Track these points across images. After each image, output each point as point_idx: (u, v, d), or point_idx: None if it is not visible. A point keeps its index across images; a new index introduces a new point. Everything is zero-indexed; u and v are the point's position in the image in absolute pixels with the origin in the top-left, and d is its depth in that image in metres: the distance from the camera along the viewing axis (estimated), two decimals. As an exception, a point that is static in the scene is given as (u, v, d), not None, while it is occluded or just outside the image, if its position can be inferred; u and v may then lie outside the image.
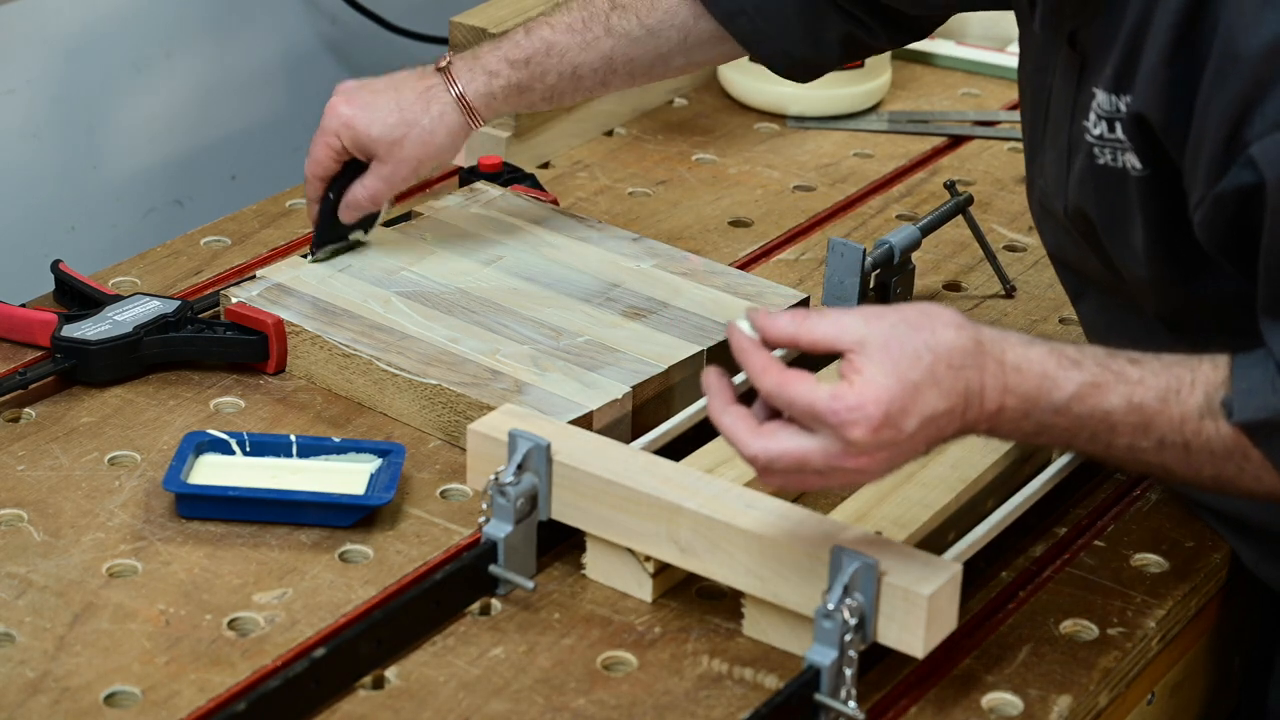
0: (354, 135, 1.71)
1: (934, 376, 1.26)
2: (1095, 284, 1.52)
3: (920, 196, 2.04)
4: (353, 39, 2.46)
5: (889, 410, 1.25)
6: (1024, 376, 1.29)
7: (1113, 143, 1.38)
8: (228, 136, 2.35)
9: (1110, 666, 1.41)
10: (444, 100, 1.71)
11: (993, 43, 2.34)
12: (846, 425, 1.25)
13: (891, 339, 1.26)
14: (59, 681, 1.34)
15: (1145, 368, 1.30)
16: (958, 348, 1.27)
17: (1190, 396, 1.29)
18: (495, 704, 1.35)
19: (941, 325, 1.28)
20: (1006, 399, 1.29)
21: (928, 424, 1.27)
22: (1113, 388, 1.29)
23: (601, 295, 1.74)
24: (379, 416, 1.64)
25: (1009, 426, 1.31)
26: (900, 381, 1.25)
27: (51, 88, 2.13)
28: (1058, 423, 1.30)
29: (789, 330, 1.28)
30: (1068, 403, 1.29)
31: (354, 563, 1.47)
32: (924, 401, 1.26)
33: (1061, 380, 1.29)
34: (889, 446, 1.26)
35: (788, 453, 1.27)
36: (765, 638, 1.41)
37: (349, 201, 1.74)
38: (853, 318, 1.28)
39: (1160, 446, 1.30)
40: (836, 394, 1.25)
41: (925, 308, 1.30)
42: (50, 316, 1.69)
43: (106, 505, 1.52)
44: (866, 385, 1.25)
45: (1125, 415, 1.29)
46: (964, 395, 1.28)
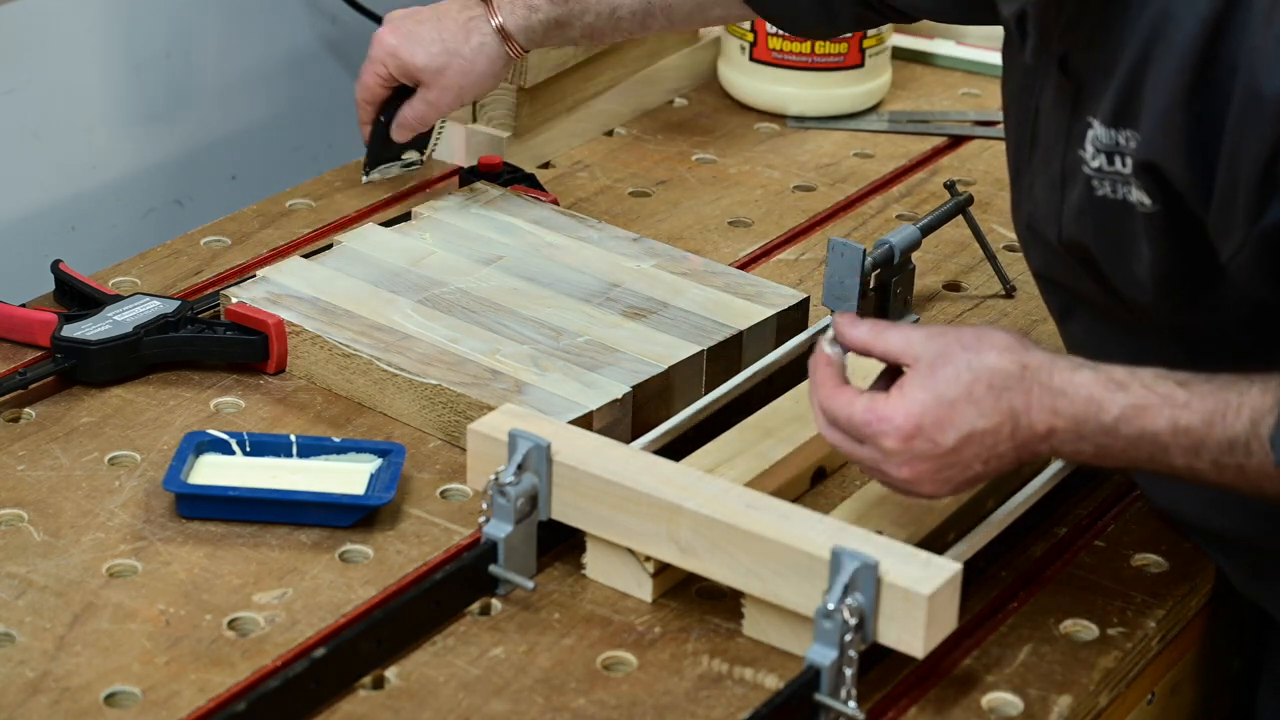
0: (399, 63, 1.80)
1: (972, 395, 1.32)
2: (1087, 304, 1.50)
3: (920, 196, 2.04)
4: (353, 39, 2.46)
5: (920, 423, 1.32)
6: (1070, 400, 1.32)
7: (1112, 175, 1.37)
8: (228, 136, 2.35)
9: (1110, 666, 1.41)
10: (484, 31, 1.79)
11: (993, 43, 2.34)
12: (878, 435, 1.34)
13: (940, 357, 1.34)
14: (59, 681, 1.34)
15: (1193, 390, 1.31)
16: (1000, 370, 1.33)
17: (1236, 421, 1.29)
18: (495, 704, 1.35)
19: (989, 347, 1.33)
20: (1056, 421, 1.32)
21: (970, 441, 1.33)
22: (1159, 410, 1.31)
23: (601, 295, 1.74)
24: (379, 416, 1.64)
25: (1069, 449, 1.34)
26: (936, 398, 1.32)
27: (51, 88, 2.13)
28: (1113, 445, 1.32)
29: (865, 339, 1.38)
30: (1115, 424, 1.31)
31: (354, 563, 1.47)
32: (961, 418, 1.32)
33: (1107, 403, 1.31)
34: (928, 459, 1.33)
35: (841, 445, 1.37)
36: (765, 638, 1.41)
37: (399, 122, 1.85)
38: (919, 335, 1.36)
39: (1218, 468, 1.31)
40: (871, 406, 1.34)
41: (982, 331, 1.35)
42: (50, 316, 1.69)
43: (106, 505, 1.52)
44: (902, 399, 1.33)
45: (1174, 437, 1.31)
46: (1009, 416, 1.32)
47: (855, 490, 1.52)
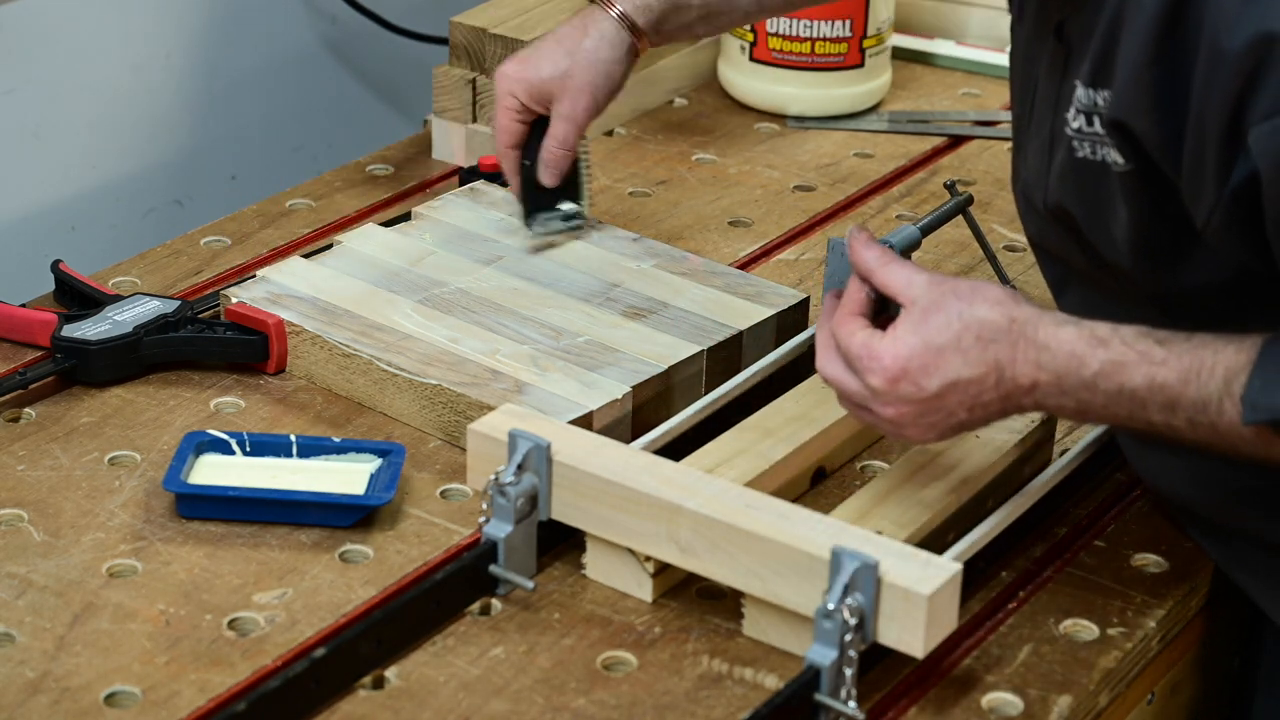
0: (527, 86, 1.74)
1: (959, 345, 1.35)
2: (1077, 274, 1.52)
3: (920, 196, 2.04)
4: (353, 39, 2.46)
5: (907, 366, 1.36)
6: (1054, 355, 1.35)
7: (1091, 136, 1.39)
8: (228, 136, 2.35)
9: (1110, 666, 1.41)
10: (601, 20, 1.74)
11: (993, 43, 2.34)
12: (866, 371, 1.38)
13: (933, 304, 1.37)
14: (59, 681, 1.34)
15: (1171, 348, 1.33)
16: (989, 322, 1.36)
17: (1210, 380, 1.31)
18: (495, 704, 1.35)
19: (981, 300, 1.37)
20: (1039, 375, 1.35)
21: (954, 389, 1.36)
22: (1136, 367, 1.33)
23: (601, 295, 1.74)
24: (379, 416, 1.64)
25: (1052, 403, 1.37)
26: (925, 343, 1.36)
27: (51, 88, 2.13)
28: (1093, 400, 1.35)
29: (869, 265, 1.42)
30: (1094, 380, 1.34)
31: (354, 563, 1.47)
32: (947, 366, 1.36)
33: (1088, 358, 1.34)
34: (912, 402, 1.37)
35: (836, 380, 1.41)
36: (765, 638, 1.41)
37: (544, 159, 1.76)
38: (920, 277, 1.39)
39: (1192, 426, 1.33)
40: (866, 342, 1.38)
41: (978, 283, 1.39)
42: (50, 316, 1.69)
43: (106, 505, 1.52)
44: (894, 340, 1.37)
45: (1150, 394, 1.33)
46: (994, 368, 1.35)
47: (855, 490, 1.52)
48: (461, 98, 2.05)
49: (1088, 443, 1.57)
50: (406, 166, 2.06)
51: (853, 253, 1.43)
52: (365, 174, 2.04)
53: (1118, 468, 1.61)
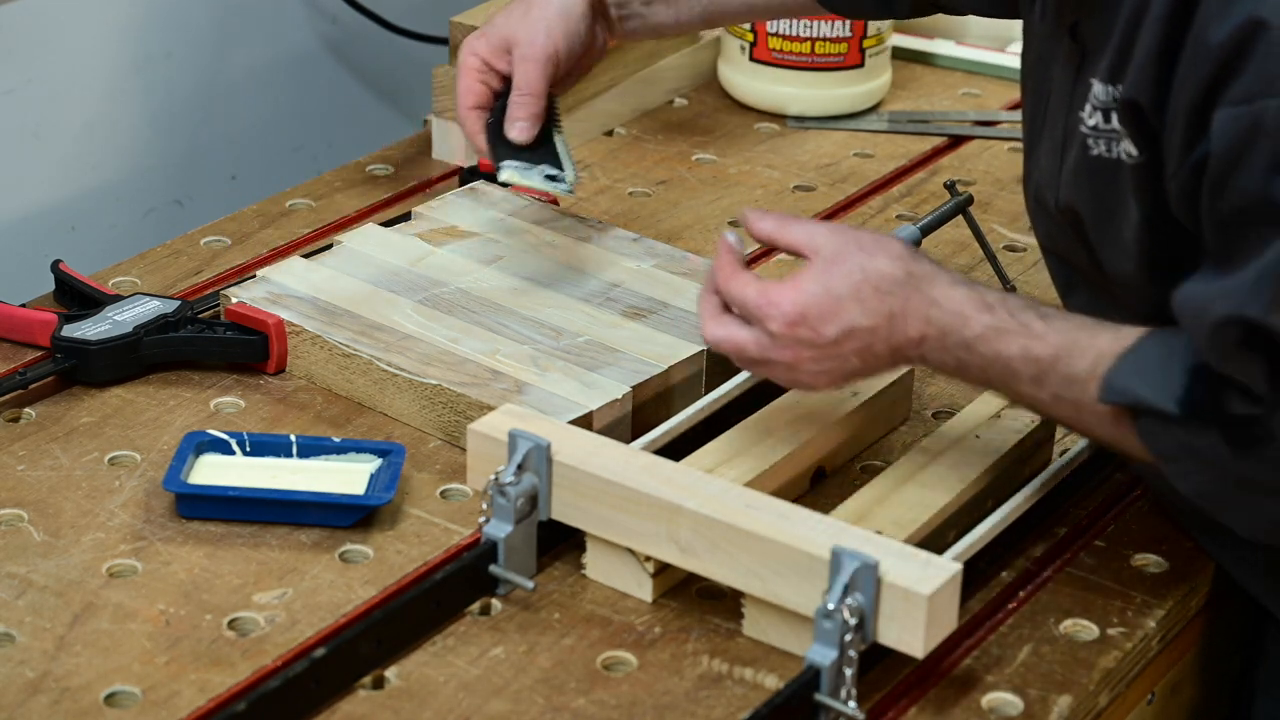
0: (485, 41, 1.73)
1: (859, 294, 1.40)
2: (1084, 278, 1.52)
3: (920, 196, 2.04)
4: (353, 39, 2.46)
5: (805, 312, 1.40)
6: (942, 311, 1.40)
7: (1107, 133, 1.40)
8: (228, 136, 2.35)
9: (1110, 666, 1.41)
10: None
11: (993, 43, 2.34)
12: (766, 318, 1.41)
13: (836, 255, 1.41)
14: (59, 681, 1.34)
15: (1051, 324, 1.38)
16: (888, 274, 1.40)
17: (1080, 360, 1.36)
18: (495, 704, 1.35)
19: (882, 253, 1.41)
20: (927, 329, 1.40)
21: (850, 336, 1.40)
22: (1014, 336, 1.38)
23: (601, 295, 1.74)
24: (379, 416, 1.64)
25: (935, 359, 1.42)
26: (825, 290, 1.40)
27: (51, 87, 2.13)
28: (971, 361, 1.40)
29: (771, 230, 1.46)
30: (974, 342, 1.39)
31: (354, 563, 1.48)
32: (845, 314, 1.40)
33: (972, 321, 1.39)
34: (809, 347, 1.41)
35: (729, 337, 1.44)
36: (765, 638, 1.41)
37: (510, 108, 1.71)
38: (823, 230, 1.44)
39: (1056, 401, 1.38)
40: (764, 290, 1.42)
41: (881, 237, 1.43)
42: (50, 316, 1.69)
43: (106, 505, 1.52)
44: (794, 287, 1.41)
45: (1023, 365, 1.38)
46: (887, 318, 1.40)
47: (855, 490, 1.52)
48: None
49: (1088, 443, 1.57)
50: (406, 166, 2.06)
51: (751, 226, 1.46)
52: (365, 174, 2.04)
53: (1118, 468, 1.61)
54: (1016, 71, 2.28)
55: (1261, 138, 1.26)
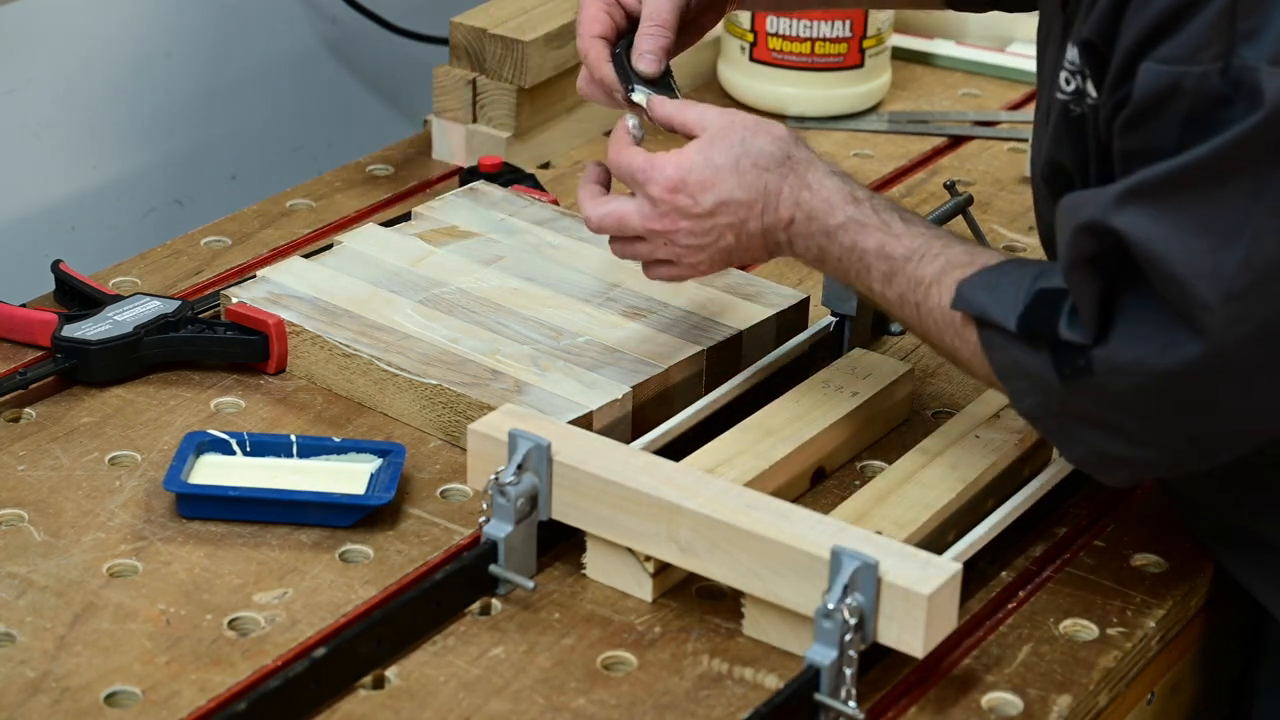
0: None
1: (738, 168, 1.45)
2: None
3: (920, 196, 2.04)
4: (353, 39, 2.47)
5: (686, 178, 1.45)
6: (812, 195, 1.45)
7: (1081, 93, 1.42)
8: (228, 136, 2.35)
9: (1110, 666, 1.41)
10: None
11: (993, 43, 2.34)
12: (648, 182, 1.46)
13: (721, 131, 1.47)
14: (59, 681, 1.35)
15: (911, 228, 1.44)
16: (766, 152, 1.46)
17: (930, 265, 1.42)
18: (495, 704, 1.35)
19: (765, 133, 1.47)
20: (796, 212, 1.46)
21: (725, 207, 1.45)
22: (873, 231, 1.44)
23: (601, 295, 1.74)
24: (379, 416, 1.64)
25: (800, 244, 1.47)
26: (706, 160, 1.46)
27: (51, 88, 2.13)
28: (831, 249, 1.45)
29: (669, 113, 1.51)
30: (835, 231, 1.45)
31: (354, 563, 1.48)
32: (723, 185, 1.45)
33: (837, 210, 1.45)
34: (687, 215, 1.46)
35: (611, 211, 1.50)
36: (765, 638, 1.41)
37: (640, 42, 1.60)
38: (713, 111, 1.49)
39: (901, 301, 1.44)
40: (650, 158, 1.47)
41: (767, 121, 1.49)
42: (50, 316, 1.69)
43: (107, 505, 1.52)
44: (677, 155, 1.47)
45: (876, 260, 1.44)
46: (762, 194, 1.45)
47: (855, 490, 1.52)
48: (461, 98, 2.05)
49: (1088, 443, 1.57)
50: (406, 166, 2.06)
51: (651, 110, 1.51)
52: (365, 174, 2.04)
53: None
54: (1016, 71, 2.29)
55: (1179, 98, 1.30)
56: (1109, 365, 1.32)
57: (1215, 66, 1.28)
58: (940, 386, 1.71)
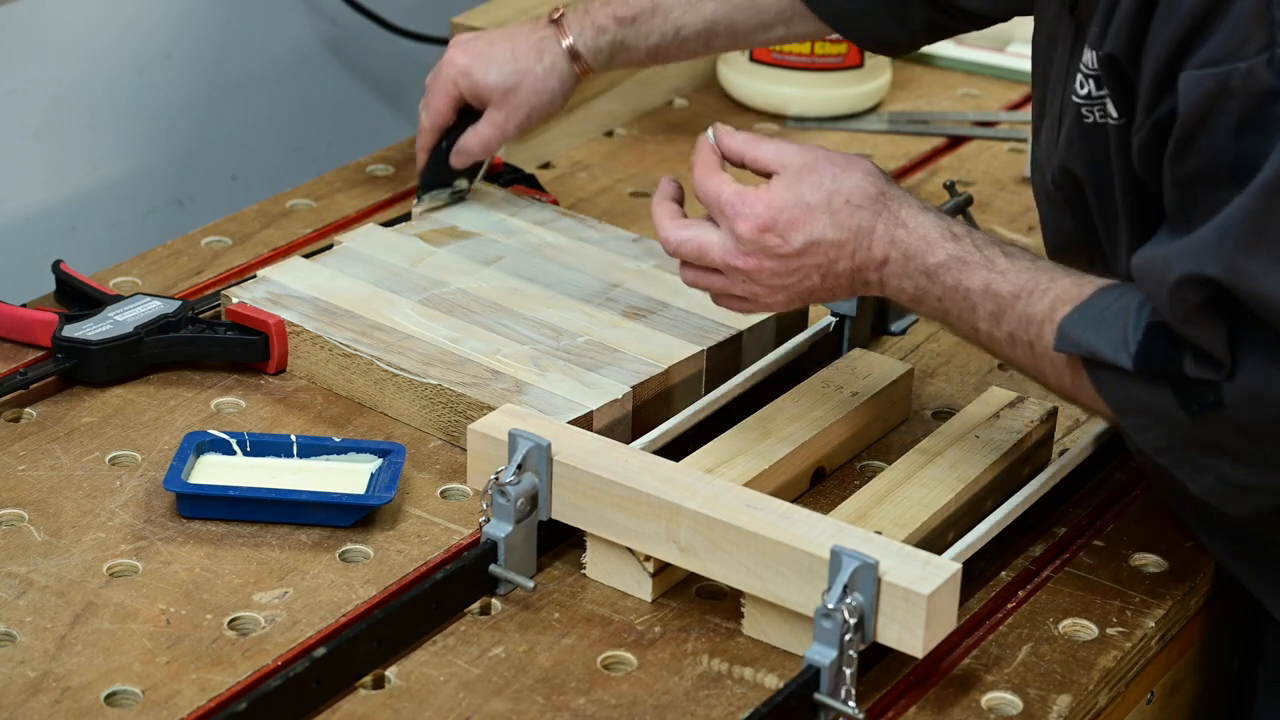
0: (471, 83, 1.80)
1: (830, 205, 1.41)
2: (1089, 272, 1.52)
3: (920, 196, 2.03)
4: (353, 39, 2.47)
5: (777, 217, 1.40)
6: (909, 233, 1.41)
7: (1099, 100, 1.40)
8: (228, 136, 2.35)
9: (1110, 666, 1.42)
10: (555, 51, 1.80)
11: (993, 43, 2.34)
12: (737, 218, 1.41)
13: (808, 166, 1.42)
14: (59, 681, 1.35)
15: (1015, 262, 1.39)
16: (859, 189, 1.41)
17: (1040, 301, 1.37)
18: (495, 704, 1.35)
19: (856, 168, 1.42)
20: (891, 251, 1.41)
21: (815, 248, 1.41)
22: (976, 269, 1.39)
23: (601, 295, 1.74)
24: (379, 416, 1.64)
25: (894, 283, 1.42)
26: (797, 198, 1.41)
27: (51, 88, 2.13)
28: (930, 289, 1.41)
29: (739, 147, 1.46)
30: (937, 270, 1.40)
31: (354, 562, 1.48)
32: (814, 224, 1.40)
33: (936, 248, 1.40)
34: (774, 256, 1.41)
35: (693, 239, 1.45)
36: (765, 637, 1.41)
37: (462, 148, 1.82)
38: (791, 146, 1.44)
39: (1012, 341, 1.39)
40: (740, 191, 1.42)
41: (854, 155, 1.44)
42: (51, 316, 1.69)
43: (107, 505, 1.52)
44: (766, 192, 1.41)
45: (982, 299, 1.39)
46: (855, 233, 1.41)
47: (855, 490, 1.52)
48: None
49: (1088, 443, 1.57)
50: (406, 166, 2.06)
51: (721, 143, 1.46)
52: (365, 174, 2.04)
53: (1118, 468, 1.61)
54: (1016, 72, 2.29)
55: (1228, 100, 1.26)
56: (1241, 396, 1.29)
57: (1261, 59, 1.25)
58: (940, 386, 1.71)
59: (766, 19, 1.80)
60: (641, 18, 1.80)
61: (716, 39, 1.82)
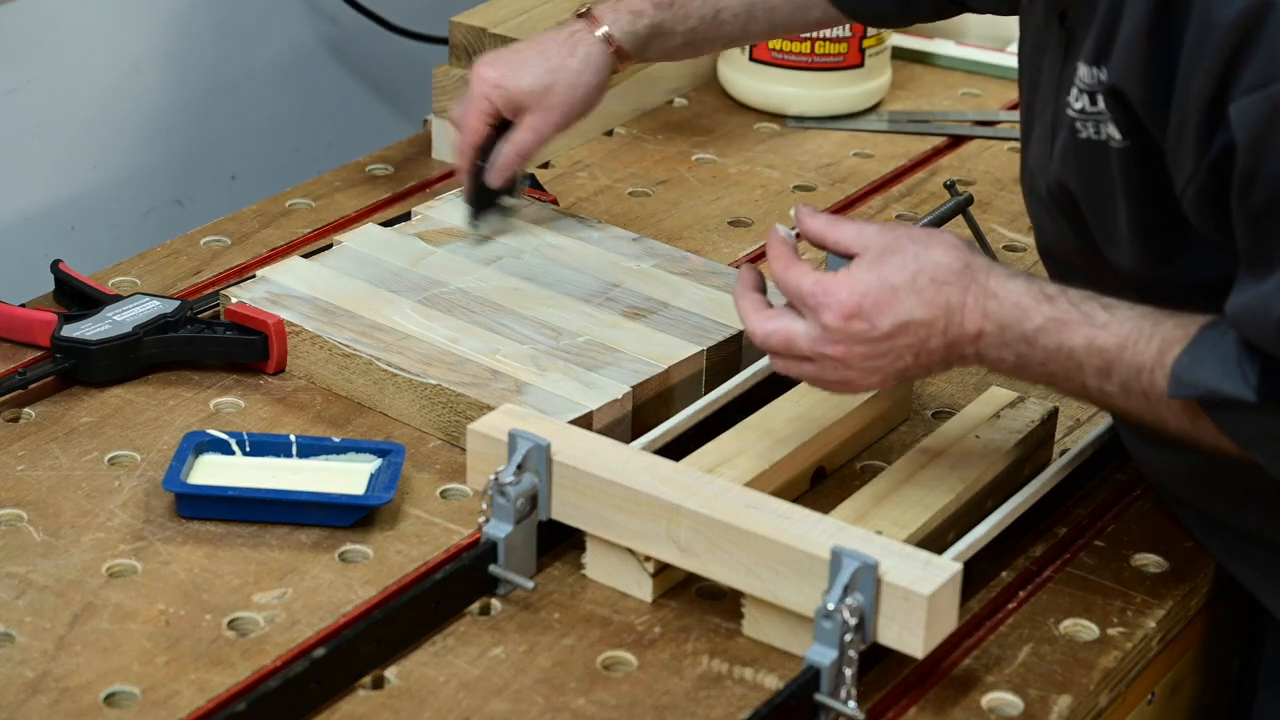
0: (505, 94, 1.75)
1: (915, 285, 1.37)
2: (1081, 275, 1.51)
3: (920, 196, 2.04)
4: (353, 39, 2.46)
5: (862, 303, 1.37)
6: (1000, 303, 1.37)
7: (1094, 116, 1.39)
8: (228, 136, 2.35)
9: (1110, 666, 1.41)
10: (589, 42, 1.75)
11: (993, 43, 2.34)
12: (821, 308, 1.38)
13: (889, 247, 1.38)
14: (59, 681, 1.34)
15: (1115, 313, 1.35)
16: (944, 265, 1.37)
17: (1147, 348, 1.33)
18: (495, 704, 1.35)
19: (938, 243, 1.38)
20: (985, 324, 1.37)
21: (905, 329, 1.37)
22: (1077, 327, 1.35)
23: (601, 295, 1.74)
24: (379, 416, 1.64)
25: (993, 354, 1.38)
26: (881, 280, 1.37)
27: (51, 88, 2.13)
28: (1032, 355, 1.37)
29: (820, 229, 1.43)
30: (1035, 334, 1.36)
31: (354, 563, 1.47)
32: (901, 305, 1.37)
33: (1032, 312, 1.36)
34: (864, 341, 1.37)
35: (780, 330, 1.41)
36: (765, 638, 1.41)
37: (497, 163, 1.77)
38: (871, 227, 1.40)
39: (1125, 392, 1.35)
40: (820, 280, 1.38)
41: (932, 230, 1.40)
42: (50, 316, 1.69)
43: (106, 505, 1.52)
44: (848, 277, 1.38)
45: (1088, 356, 1.35)
46: (945, 310, 1.37)
47: (855, 490, 1.52)
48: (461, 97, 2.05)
49: (1088, 443, 1.57)
50: (406, 166, 2.06)
51: (801, 224, 1.44)
52: (365, 174, 2.04)
53: (1118, 468, 1.61)
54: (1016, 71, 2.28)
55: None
56: None
57: None
58: (940, 386, 1.71)
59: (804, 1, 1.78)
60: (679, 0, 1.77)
61: (755, 22, 1.79)
